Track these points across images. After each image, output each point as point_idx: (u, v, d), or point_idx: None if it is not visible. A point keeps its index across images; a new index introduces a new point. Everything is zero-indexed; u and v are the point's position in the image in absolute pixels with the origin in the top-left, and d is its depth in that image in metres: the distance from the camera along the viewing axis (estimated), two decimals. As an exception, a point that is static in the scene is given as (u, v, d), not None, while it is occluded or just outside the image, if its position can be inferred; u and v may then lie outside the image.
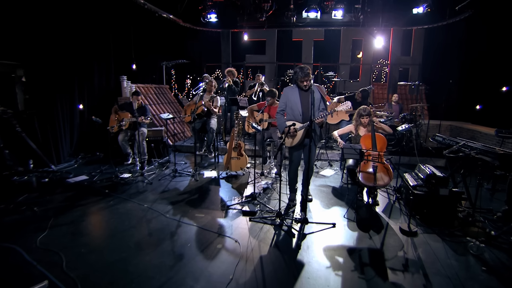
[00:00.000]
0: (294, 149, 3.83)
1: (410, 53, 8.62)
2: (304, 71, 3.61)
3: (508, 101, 5.84)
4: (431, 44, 8.34)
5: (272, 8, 8.27)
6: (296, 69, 3.69)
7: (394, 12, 8.30)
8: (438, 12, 7.94)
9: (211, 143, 5.73)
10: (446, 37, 7.93)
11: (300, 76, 3.62)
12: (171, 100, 8.51)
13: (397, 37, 8.63)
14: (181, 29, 9.28)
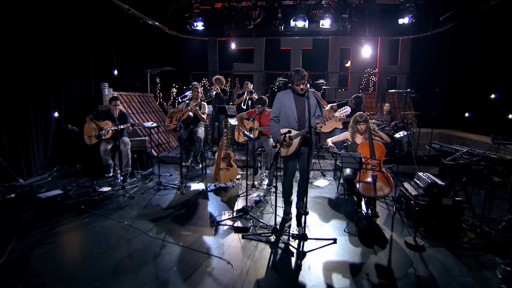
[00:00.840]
0: (290, 158, 3.54)
1: (398, 62, 8.67)
2: (300, 73, 3.38)
3: (496, 108, 5.83)
4: (418, 53, 8.41)
5: (260, 16, 8.14)
6: (291, 72, 3.46)
7: (381, 22, 8.35)
8: (423, 23, 8.05)
9: (199, 154, 5.37)
10: (432, 46, 8.02)
11: (296, 79, 3.38)
12: (156, 109, 8.12)
13: (384, 46, 8.67)
14: (167, 36, 9.00)
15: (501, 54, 5.66)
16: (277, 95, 3.60)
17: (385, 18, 8.25)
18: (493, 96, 5.80)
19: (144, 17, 7.59)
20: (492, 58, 5.89)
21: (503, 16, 5.68)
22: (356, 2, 8.08)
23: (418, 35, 8.39)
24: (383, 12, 8.24)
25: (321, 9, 7.76)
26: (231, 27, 9.05)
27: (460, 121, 6.87)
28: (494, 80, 5.80)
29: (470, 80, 6.39)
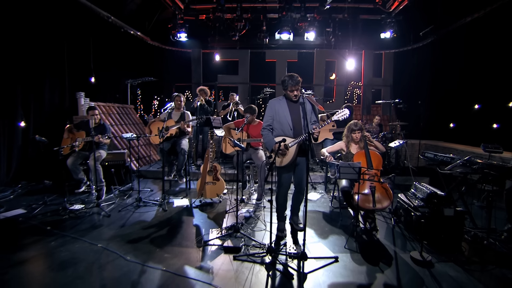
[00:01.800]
0: (284, 169, 3.27)
1: (382, 75, 8.77)
2: (294, 79, 3.18)
3: (479, 118, 5.89)
4: (400, 66, 8.57)
5: (245, 27, 8.03)
6: (284, 77, 3.25)
7: (364, 36, 8.48)
8: (405, 37, 8.24)
9: (182, 167, 4.98)
10: (414, 60, 8.20)
11: (290, 84, 3.17)
12: (136, 121, 7.67)
13: (368, 59, 8.78)
14: (149, 47, 8.68)
15: (483, 66, 5.79)
16: (269, 102, 3.37)
17: (368, 33, 8.38)
18: (477, 107, 5.87)
19: (126, 26, 7.27)
20: (474, 70, 6.01)
21: (481, 30, 5.85)
22: (339, 16, 8.18)
23: (400, 49, 8.58)
24: (366, 27, 8.38)
25: (306, 22, 7.75)
26: (215, 39, 8.90)
27: (445, 131, 6.92)
28: (477, 92, 5.90)
29: (453, 91, 6.48)
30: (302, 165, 3.30)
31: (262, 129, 3.33)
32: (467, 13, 6.14)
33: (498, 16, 5.51)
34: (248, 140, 4.65)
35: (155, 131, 5.02)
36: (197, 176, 5.96)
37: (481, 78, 5.78)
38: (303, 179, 3.36)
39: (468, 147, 5.96)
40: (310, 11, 7.88)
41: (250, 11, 8.12)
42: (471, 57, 6.05)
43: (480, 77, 5.80)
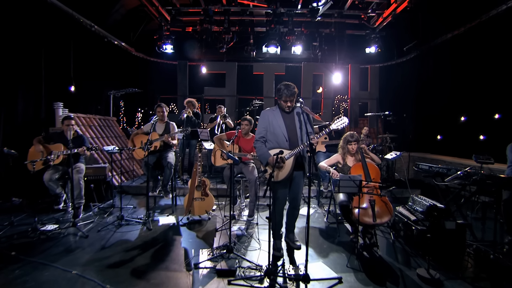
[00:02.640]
0: (280, 184, 3.05)
1: (368, 88, 8.88)
2: (290, 89, 3.01)
3: (466, 130, 5.97)
4: (386, 80, 8.72)
5: (233, 39, 7.95)
6: (280, 86, 3.08)
7: (350, 51, 8.62)
8: (390, 52, 8.44)
9: (169, 182, 4.65)
10: (398, 74, 8.38)
11: (285, 95, 3.00)
12: (119, 134, 7.28)
13: (355, 73, 8.90)
14: (133, 58, 8.42)
15: (467, 80, 5.94)
16: (262, 113, 3.18)
17: (353, 47, 8.53)
18: (463, 119, 5.96)
19: (109, 36, 7.00)
20: (459, 84, 6.16)
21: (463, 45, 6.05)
22: (326, 31, 8.28)
23: (385, 64, 8.76)
24: (352, 42, 8.54)
25: (293, 36, 7.77)
26: (202, 51, 8.77)
27: (432, 143, 6.99)
28: (463, 104, 6.01)
29: (439, 104, 6.60)
30: (298, 179, 3.11)
31: (255, 141, 3.12)
32: (447, 30, 6.35)
33: (478, 33, 5.71)
34: (239, 155, 4.43)
35: (138, 144, 4.71)
36: (184, 191, 5.69)
37: (466, 91, 5.90)
38: (299, 194, 3.18)
39: (456, 159, 6.00)
40: (297, 25, 7.93)
41: (238, 24, 8.08)
42: (455, 71, 6.20)
43: (465, 90, 5.93)
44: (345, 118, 3.05)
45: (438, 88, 6.75)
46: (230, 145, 4.46)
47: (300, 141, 3.01)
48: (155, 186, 4.68)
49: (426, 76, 7.10)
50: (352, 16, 7.81)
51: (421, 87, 7.34)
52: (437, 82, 6.78)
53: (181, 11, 7.75)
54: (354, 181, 3.06)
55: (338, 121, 3.08)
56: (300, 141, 3.01)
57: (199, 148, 4.34)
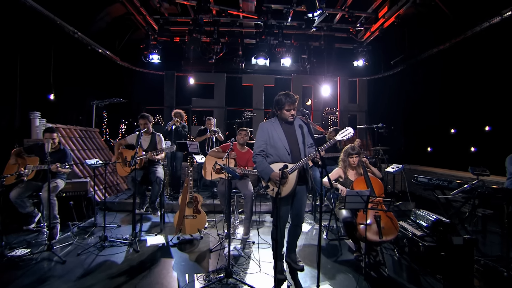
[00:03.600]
0: (283, 200, 2.84)
1: (357, 101, 8.93)
2: (290, 97, 2.85)
3: (456, 142, 6.03)
4: (375, 93, 8.81)
5: (223, 50, 7.80)
6: (279, 96, 2.90)
7: (338, 64, 8.69)
8: (377, 66, 8.57)
9: (157, 198, 4.30)
10: (386, 86, 8.49)
11: (288, 103, 2.83)
12: (101, 146, 6.84)
13: (344, 85, 8.94)
14: (118, 68, 8.07)
15: (456, 92, 6.04)
16: (261, 126, 3.01)
17: (342, 60, 8.61)
18: (453, 131, 6.03)
19: (93, 43, 6.65)
20: (447, 96, 6.26)
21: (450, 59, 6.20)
22: (315, 44, 8.32)
23: (373, 77, 8.88)
24: (340, 55, 8.62)
25: (283, 47, 7.74)
26: (189, 62, 8.55)
27: (422, 156, 7.02)
28: (453, 117, 6.08)
29: (429, 117, 6.68)
30: (301, 194, 2.93)
31: (254, 156, 2.93)
32: (434, 45, 6.50)
33: (463, 47, 5.86)
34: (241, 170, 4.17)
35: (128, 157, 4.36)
36: (172, 207, 5.38)
37: (455, 104, 6.00)
38: (302, 211, 2.99)
39: (447, 170, 6.01)
40: (287, 37, 7.92)
41: (227, 34, 7.96)
42: (443, 84, 6.32)
43: (454, 103, 6.03)
44: (350, 129, 2.90)
45: (426, 101, 6.85)
46: (225, 159, 4.25)
47: (303, 154, 2.86)
48: (142, 202, 4.31)
49: (414, 89, 7.20)
50: (340, 29, 7.89)
51: (409, 100, 7.44)
52: (425, 95, 6.88)
53: (169, 20, 7.55)
54: (361, 196, 2.88)
55: (344, 132, 2.92)
56: (303, 153, 2.86)
57: (190, 162, 4.09)
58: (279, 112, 2.92)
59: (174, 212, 5.30)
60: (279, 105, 2.88)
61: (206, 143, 5.90)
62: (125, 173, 4.24)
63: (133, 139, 4.42)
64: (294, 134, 2.92)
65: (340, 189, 3.52)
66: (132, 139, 4.42)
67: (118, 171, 4.34)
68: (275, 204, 2.84)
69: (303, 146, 2.88)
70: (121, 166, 4.27)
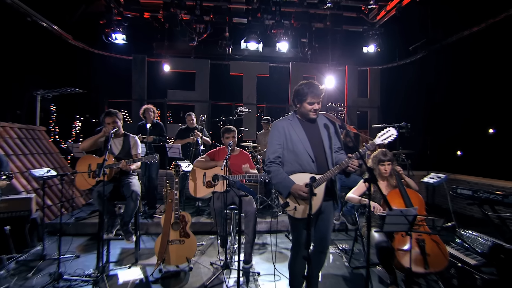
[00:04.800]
0: (305, 222, 2.58)
1: (367, 95, 8.88)
2: (314, 88, 2.64)
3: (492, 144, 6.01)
4: (388, 85, 8.78)
5: (207, 31, 7.47)
6: (300, 86, 2.70)
7: (345, 50, 8.62)
8: (391, 52, 8.56)
9: (131, 219, 3.90)
10: (403, 77, 8.48)
11: (311, 94, 2.62)
12: (49, 149, 6.31)
13: (352, 75, 8.87)
14: (71, 49, 7.58)
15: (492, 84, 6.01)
16: (276, 125, 2.80)
17: (349, 45, 8.52)
18: (491, 131, 6.02)
19: (35, 14, 6.11)
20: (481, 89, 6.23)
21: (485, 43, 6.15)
22: (319, 25, 8.16)
23: (386, 65, 8.89)
24: (347, 39, 8.51)
25: (281, 29, 7.52)
26: (163, 44, 8.15)
27: (448, 161, 7.00)
28: (489, 114, 6.05)
29: (457, 114, 6.65)
30: (328, 212, 2.72)
31: (268, 164, 2.70)
32: (464, 27, 6.49)
33: (504, 29, 5.78)
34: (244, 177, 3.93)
35: (83, 167, 3.97)
36: (147, 228, 5.06)
37: (492, 98, 5.95)
38: (328, 233, 2.79)
39: (482, 179, 5.99)
40: (286, 16, 7.71)
41: (213, 11, 7.64)
42: (476, 74, 6.29)
43: (491, 97, 5.98)
44: (392, 130, 2.68)
45: (454, 95, 6.84)
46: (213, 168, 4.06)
47: (330, 162, 2.66)
48: (111, 224, 3.89)
49: (438, 80, 7.20)
50: (350, 7, 7.79)
51: (432, 93, 7.44)
52: (452, 87, 6.88)
53: (139, -11, 7.17)
54: (406, 216, 2.67)
55: (384, 133, 2.70)
56: (330, 161, 2.66)
57: (175, 170, 3.78)
58: (298, 106, 2.73)
59: (149, 234, 5.02)
60: (300, 97, 2.68)
61: (190, 146, 5.56)
62: (88, 185, 3.86)
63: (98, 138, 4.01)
64: (319, 136, 2.72)
65: (373, 207, 3.31)
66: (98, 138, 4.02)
67: (77, 183, 3.94)
68: (297, 226, 2.67)
69: (330, 151, 2.68)
70: (82, 176, 3.86)
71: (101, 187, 3.47)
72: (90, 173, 3.93)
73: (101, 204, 3.55)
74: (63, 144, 7.52)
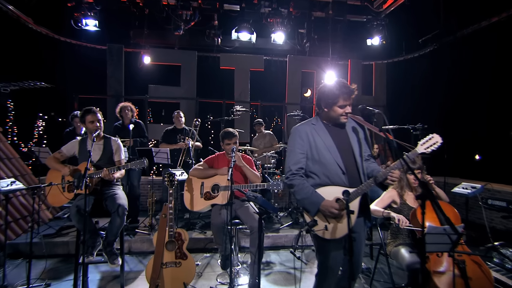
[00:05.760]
0: (335, 244, 2.51)
1: (372, 92, 8.89)
2: (346, 88, 2.55)
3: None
4: (395, 81, 8.82)
5: (195, 18, 7.25)
6: (328, 86, 2.60)
7: (348, 42, 8.61)
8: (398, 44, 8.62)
9: (117, 238, 3.64)
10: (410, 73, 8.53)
11: (342, 96, 2.53)
12: (6, 154, 5.94)
13: (356, 71, 8.87)
14: (32, 35, 7.24)
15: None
16: (297, 130, 2.68)
17: (351, 38, 8.53)
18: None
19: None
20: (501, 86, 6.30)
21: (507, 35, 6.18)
22: (320, 14, 8.08)
23: (392, 60, 8.94)
24: (349, 30, 8.49)
25: (278, 18, 7.41)
26: (143, 32, 7.87)
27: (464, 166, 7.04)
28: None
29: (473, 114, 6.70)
30: (360, 232, 2.63)
31: (290, 176, 2.57)
32: (482, 17, 6.53)
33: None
34: None
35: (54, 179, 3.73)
36: (129, 246, 4.81)
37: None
38: (360, 257, 2.71)
39: (505, 186, 6.00)
40: (284, 4, 7.60)
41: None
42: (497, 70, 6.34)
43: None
44: (437, 137, 2.57)
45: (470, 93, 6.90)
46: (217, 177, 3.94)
47: (362, 172, 2.57)
48: (92, 245, 3.62)
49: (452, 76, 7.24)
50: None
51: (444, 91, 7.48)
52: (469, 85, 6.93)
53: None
54: (449, 234, 2.55)
55: (427, 141, 2.59)
56: (362, 171, 2.57)
57: (168, 179, 3.58)
58: (326, 110, 2.62)
59: (132, 253, 4.80)
60: (329, 100, 2.57)
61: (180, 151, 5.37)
62: (64, 200, 3.60)
63: (74, 148, 3.84)
64: (348, 142, 2.64)
65: (397, 219, 3.20)
66: (72, 149, 3.84)
67: (49, 199, 3.67)
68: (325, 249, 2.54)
69: (360, 160, 2.60)
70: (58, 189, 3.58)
71: (80, 201, 3.22)
72: (64, 186, 3.66)
73: (81, 221, 3.28)
74: (23, 147, 7.17)
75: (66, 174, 3.64)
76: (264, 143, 6.60)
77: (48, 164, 3.78)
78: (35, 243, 4.54)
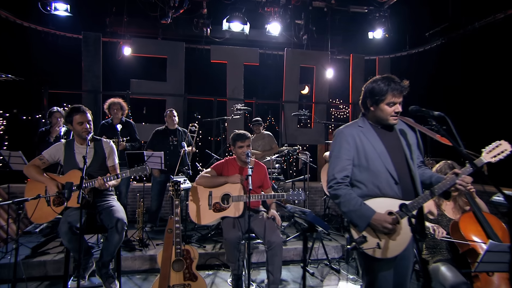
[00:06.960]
0: (386, 263, 2.41)
1: (376, 89, 8.95)
2: (395, 83, 2.47)
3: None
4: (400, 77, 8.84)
5: (184, 5, 7.04)
6: (375, 83, 2.49)
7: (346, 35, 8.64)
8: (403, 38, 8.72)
9: (114, 256, 3.40)
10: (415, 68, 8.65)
11: (391, 92, 2.44)
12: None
13: (358, 66, 8.88)
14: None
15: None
16: (342, 133, 2.58)
17: (352, 30, 8.64)
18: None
19: None
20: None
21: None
22: (320, 4, 8.06)
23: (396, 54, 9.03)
24: (349, 22, 8.57)
25: (276, 7, 7.34)
26: (122, 20, 7.59)
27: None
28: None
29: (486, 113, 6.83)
30: (409, 250, 2.51)
31: (334, 185, 2.46)
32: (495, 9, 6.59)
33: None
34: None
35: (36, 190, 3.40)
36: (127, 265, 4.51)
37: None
38: (407, 277, 2.60)
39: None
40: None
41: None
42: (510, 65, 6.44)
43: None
44: (506, 144, 2.46)
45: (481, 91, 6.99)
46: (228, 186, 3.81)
47: (417, 182, 2.47)
48: (84, 266, 3.37)
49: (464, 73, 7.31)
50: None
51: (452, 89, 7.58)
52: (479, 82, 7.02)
53: None
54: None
55: (494, 148, 2.47)
56: (417, 181, 2.47)
57: (173, 189, 3.39)
58: (372, 109, 2.52)
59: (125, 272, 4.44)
60: (376, 97, 2.46)
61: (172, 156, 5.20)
62: (50, 215, 3.29)
63: (58, 153, 3.58)
64: (400, 148, 2.53)
65: (432, 229, 3.12)
66: (57, 154, 3.57)
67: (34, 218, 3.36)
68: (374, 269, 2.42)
69: (414, 167, 2.49)
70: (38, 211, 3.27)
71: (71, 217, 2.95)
72: (48, 199, 3.36)
73: (73, 240, 3.01)
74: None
75: (53, 192, 3.32)
76: (262, 145, 6.44)
77: (28, 174, 3.47)
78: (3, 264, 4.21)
